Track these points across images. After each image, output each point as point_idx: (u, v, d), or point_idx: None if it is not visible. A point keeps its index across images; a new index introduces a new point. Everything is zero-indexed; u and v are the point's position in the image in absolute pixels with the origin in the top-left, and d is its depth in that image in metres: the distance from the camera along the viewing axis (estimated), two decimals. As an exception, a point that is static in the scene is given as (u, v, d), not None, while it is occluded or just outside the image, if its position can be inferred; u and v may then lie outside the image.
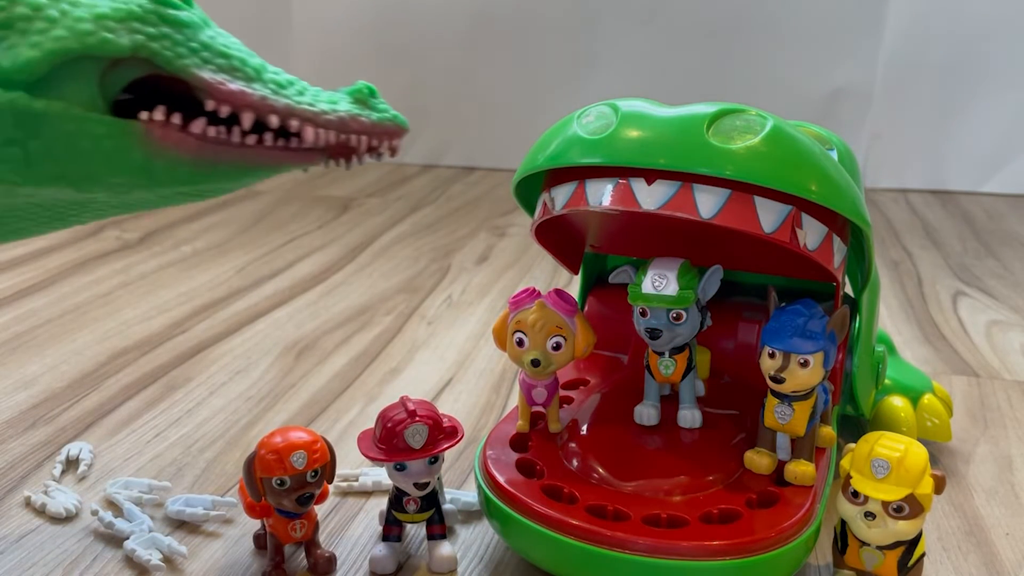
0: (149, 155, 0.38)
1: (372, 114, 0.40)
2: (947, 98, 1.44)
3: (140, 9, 0.38)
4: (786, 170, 0.43)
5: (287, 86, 0.39)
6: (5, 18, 0.36)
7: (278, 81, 0.39)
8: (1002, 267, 1.08)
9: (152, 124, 0.38)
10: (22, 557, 0.49)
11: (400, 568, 0.48)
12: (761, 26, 1.47)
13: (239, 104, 0.38)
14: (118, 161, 0.38)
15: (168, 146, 0.38)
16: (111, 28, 0.37)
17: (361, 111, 0.40)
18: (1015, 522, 0.54)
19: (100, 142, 0.37)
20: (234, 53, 0.39)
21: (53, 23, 0.36)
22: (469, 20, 1.55)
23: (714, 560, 0.41)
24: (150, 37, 0.37)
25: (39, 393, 0.68)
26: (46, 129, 0.36)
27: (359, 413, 0.66)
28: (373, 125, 0.40)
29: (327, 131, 0.39)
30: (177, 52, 0.38)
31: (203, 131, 0.38)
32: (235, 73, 0.39)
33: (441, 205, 1.34)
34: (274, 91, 0.39)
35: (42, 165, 0.37)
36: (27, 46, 0.36)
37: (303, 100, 0.39)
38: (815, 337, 0.44)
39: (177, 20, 0.38)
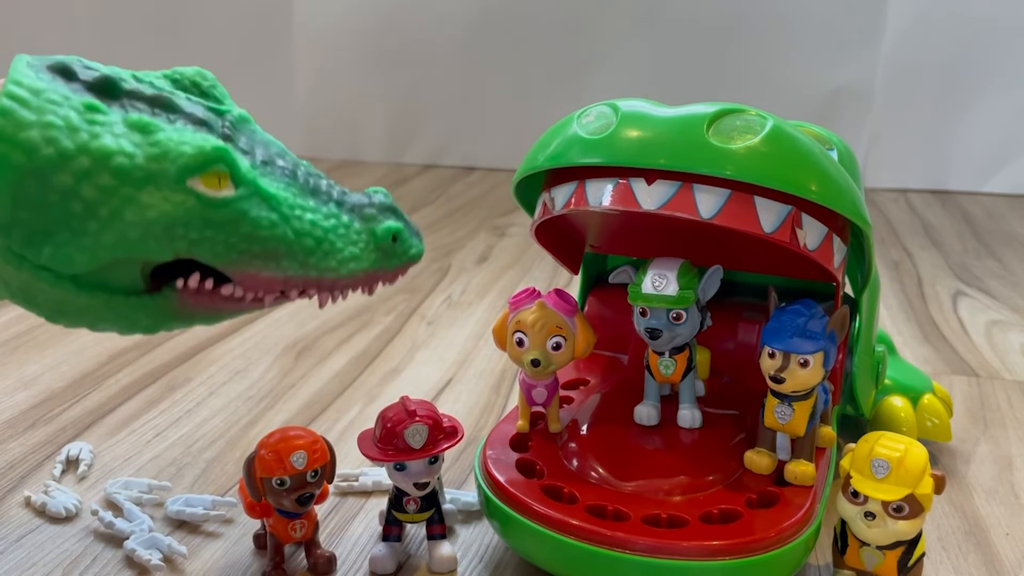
0: (178, 317, 0.40)
1: (391, 263, 0.42)
2: (947, 98, 1.44)
3: (187, 214, 0.38)
4: (786, 170, 0.43)
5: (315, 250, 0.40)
6: (59, 214, 0.37)
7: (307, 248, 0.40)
8: (1002, 267, 1.08)
9: (186, 291, 0.39)
10: (22, 557, 0.49)
11: (400, 568, 0.48)
12: (761, 26, 1.47)
13: (267, 290, 0.40)
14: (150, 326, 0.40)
15: (197, 308, 0.40)
16: (157, 236, 0.37)
17: (380, 265, 0.41)
18: (1015, 522, 0.54)
19: (137, 320, 0.39)
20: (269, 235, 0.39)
21: (104, 225, 0.37)
22: (469, 20, 1.55)
23: (714, 560, 0.41)
24: (192, 243, 0.38)
25: (39, 393, 0.68)
26: (89, 311, 0.39)
27: (359, 413, 0.66)
28: (387, 274, 0.42)
29: (343, 291, 0.41)
30: (216, 252, 0.39)
31: (231, 294, 0.40)
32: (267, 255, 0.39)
33: (441, 205, 1.34)
34: (301, 263, 0.39)
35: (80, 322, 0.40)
36: (78, 248, 0.37)
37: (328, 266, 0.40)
38: (815, 337, 0.44)
39: (223, 220, 0.38)
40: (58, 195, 0.36)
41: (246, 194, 0.39)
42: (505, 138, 1.57)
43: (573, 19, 1.53)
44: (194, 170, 0.37)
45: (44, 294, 0.38)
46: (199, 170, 0.37)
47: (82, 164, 0.36)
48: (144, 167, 0.37)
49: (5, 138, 0.36)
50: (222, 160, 0.38)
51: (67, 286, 0.38)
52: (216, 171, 0.38)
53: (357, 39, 1.59)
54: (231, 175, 0.38)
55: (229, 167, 0.38)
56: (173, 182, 0.37)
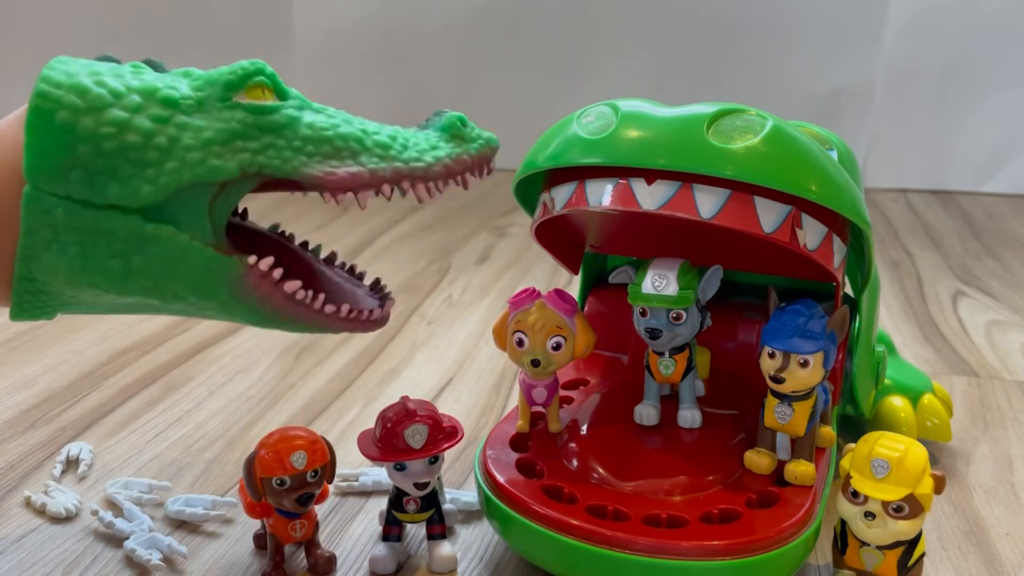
0: (234, 295, 0.40)
1: (470, 147, 0.43)
2: (947, 98, 1.44)
3: (241, 125, 0.39)
4: (786, 170, 0.43)
5: (391, 144, 0.41)
6: (117, 147, 0.38)
7: (381, 143, 0.41)
8: (1002, 267, 1.08)
9: (253, 270, 0.40)
10: (22, 557, 0.49)
11: (400, 568, 0.48)
12: (761, 26, 1.47)
13: (353, 187, 0.40)
14: (206, 290, 0.40)
15: (256, 294, 0.40)
16: (218, 153, 0.38)
17: (461, 148, 0.42)
18: (1015, 522, 0.54)
19: (197, 270, 0.39)
20: (334, 134, 0.40)
21: (164, 153, 0.38)
22: (469, 20, 1.55)
23: (714, 560, 0.41)
24: (255, 152, 0.39)
25: (39, 393, 0.68)
26: (151, 249, 0.38)
27: (359, 413, 0.66)
28: (472, 160, 0.43)
29: (436, 183, 0.41)
30: (283, 157, 0.39)
31: (294, 292, 0.40)
32: (341, 154, 0.40)
33: (441, 205, 1.34)
34: (381, 156, 0.40)
35: (137, 279, 0.39)
36: (143, 180, 0.38)
37: (410, 157, 0.41)
38: (815, 337, 0.44)
39: (277, 125, 0.40)
40: (115, 128, 0.37)
41: (296, 103, 0.40)
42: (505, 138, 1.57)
43: (573, 19, 1.53)
44: (236, 85, 0.39)
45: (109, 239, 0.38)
46: (241, 84, 0.39)
47: (133, 100, 0.38)
48: (191, 95, 0.39)
49: (56, 83, 0.38)
50: (261, 73, 0.40)
51: (135, 219, 0.38)
52: (258, 83, 0.40)
53: (357, 39, 1.59)
54: (274, 89, 0.40)
55: (270, 79, 0.40)
56: (219, 101, 0.39)
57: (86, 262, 0.38)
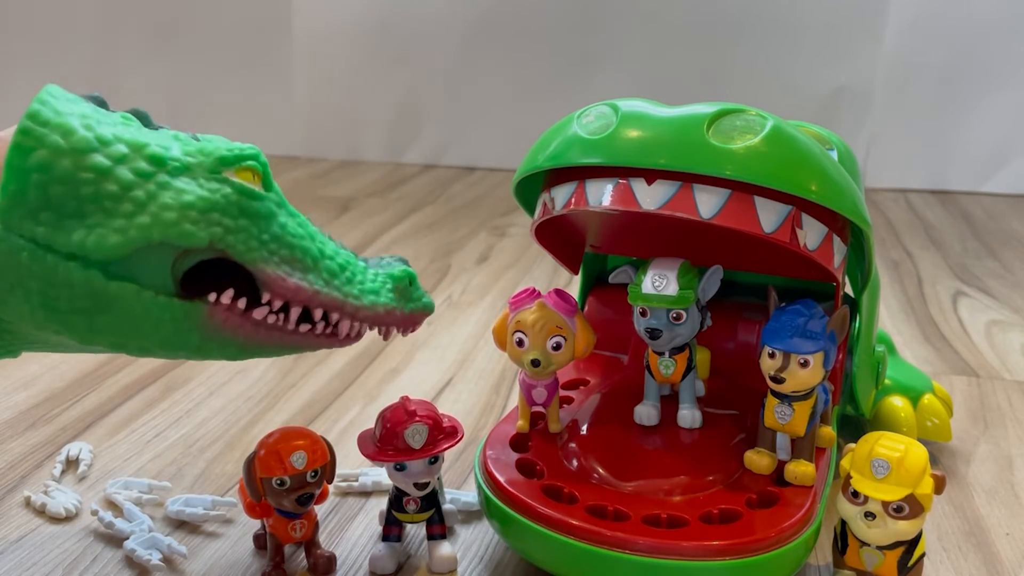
0: (205, 337, 0.39)
1: (407, 306, 0.43)
2: (947, 98, 1.44)
3: (224, 200, 0.39)
4: (786, 170, 0.43)
5: (339, 273, 0.42)
6: (92, 193, 0.37)
7: (331, 269, 0.41)
8: (1002, 267, 1.08)
9: (217, 306, 0.39)
10: (22, 557, 0.49)
11: (400, 568, 0.48)
12: (761, 26, 1.47)
13: (294, 299, 0.40)
14: (175, 341, 0.39)
15: (226, 328, 0.40)
16: (194, 220, 0.38)
17: (398, 304, 0.43)
18: (1015, 522, 0.54)
19: (163, 324, 0.38)
20: (297, 243, 0.41)
21: (139, 207, 0.37)
22: (469, 20, 1.55)
23: (714, 560, 0.41)
24: (227, 230, 0.39)
25: (39, 393, 0.68)
26: (115, 306, 0.38)
27: (359, 413, 0.66)
28: (404, 317, 0.43)
29: (362, 324, 0.42)
30: (249, 246, 0.39)
31: (263, 318, 0.40)
32: (295, 264, 0.40)
33: (441, 205, 1.34)
34: (326, 282, 0.41)
35: (103, 335, 0.38)
36: (111, 230, 0.37)
37: (350, 292, 0.42)
38: (815, 337, 0.44)
39: (256, 213, 0.40)
40: (94, 174, 0.37)
41: (276, 200, 0.41)
42: (505, 138, 1.57)
43: (573, 19, 1.53)
44: (230, 162, 0.39)
45: (69, 292, 0.37)
46: (235, 163, 0.39)
47: (119, 149, 0.38)
48: (180, 158, 0.39)
49: (42, 121, 0.37)
50: (256, 158, 0.40)
51: (96, 275, 0.37)
52: (250, 167, 0.40)
53: (357, 39, 1.59)
54: (263, 177, 0.41)
55: (262, 167, 0.40)
56: (209, 171, 0.39)
57: (49, 313, 0.37)
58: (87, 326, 0.38)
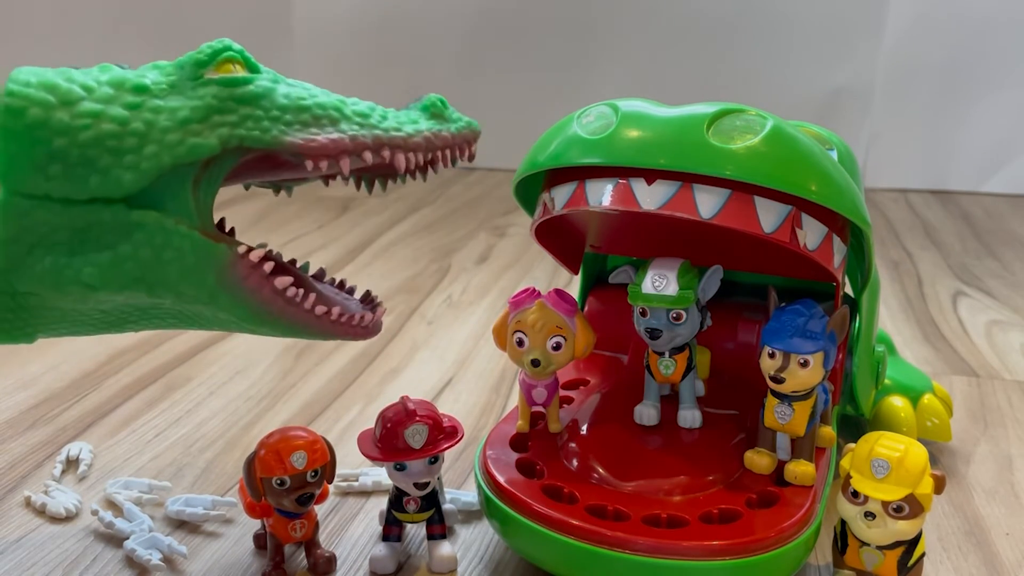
0: (221, 283, 0.39)
1: (451, 126, 0.43)
2: (947, 98, 1.44)
3: (216, 100, 0.39)
4: (786, 170, 0.43)
5: (370, 113, 0.41)
6: (93, 137, 0.37)
7: (360, 112, 0.41)
8: (1002, 267, 1.08)
9: (243, 260, 0.39)
10: (22, 557, 0.49)
11: (400, 568, 0.48)
12: (761, 26, 1.47)
13: (335, 153, 0.39)
14: (193, 277, 0.39)
15: (245, 285, 0.40)
16: (197, 131, 0.38)
17: (441, 126, 0.42)
18: (1015, 522, 0.54)
19: (183, 254, 0.39)
20: (312, 103, 0.40)
21: (142, 139, 0.38)
22: (469, 20, 1.55)
23: (714, 560, 0.41)
24: (233, 125, 0.38)
25: (39, 393, 0.68)
26: (138, 235, 0.38)
27: (359, 413, 0.67)
28: (454, 137, 0.43)
29: (416, 154, 0.41)
30: (262, 127, 0.39)
31: (284, 288, 0.40)
32: (320, 122, 0.40)
33: (441, 205, 1.34)
34: (360, 124, 0.40)
35: (125, 268, 0.38)
36: (123, 167, 0.37)
37: (389, 126, 0.41)
38: (815, 337, 0.44)
39: (252, 95, 0.39)
40: (89, 119, 0.37)
41: (270, 76, 0.40)
42: (505, 138, 1.57)
43: (573, 19, 1.53)
44: (205, 63, 0.39)
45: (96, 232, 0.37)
46: (210, 61, 0.39)
47: (104, 91, 0.38)
48: (162, 80, 0.39)
49: (24, 83, 0.37)
50: (228, 48, 0.40)
51: (120, 208, 0.37)
52: (228, 58, 0.40)
53: (357, 39, 1.59)
54: (244, 63, 0.40)
55: (238, 53, 0.40)
56: (191, 80, 0.39)
57: (72, 259, 0.38)
58: (111, 260, 0.38)
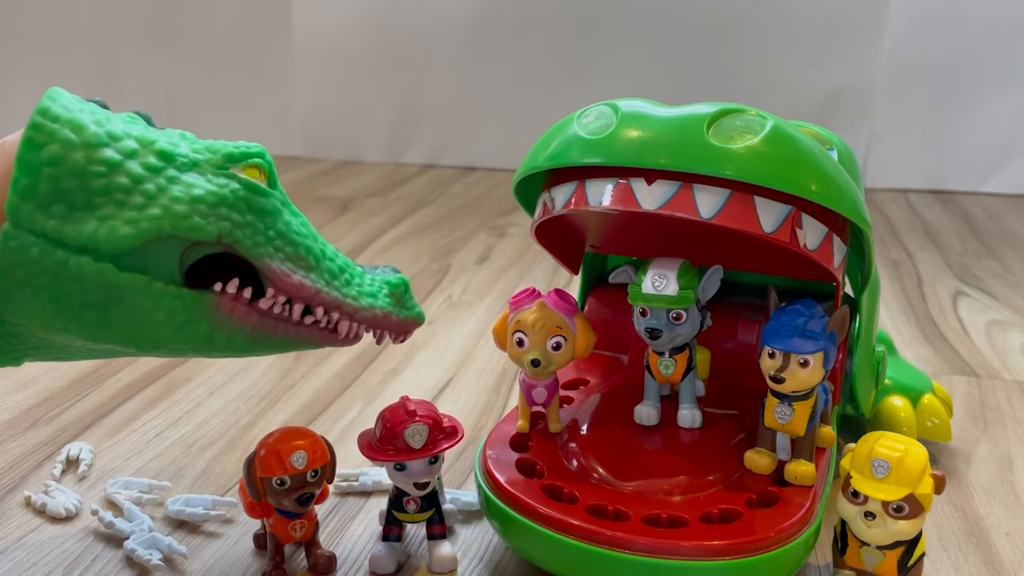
0: (214, 326, 0.40)
1: (402, 312, 0.45)
2: (947, 98, 1.44)
3: (232, 195, 0.39)
4: (786, 170, 0.43)
5: (339, 274, 0.43)
6: (104, 185, 0.37)
7: (332, 270, 0.42)
8: (1002, 267, 1.08)
9: (223, 296, 0.40)
10: (22, 557, 0.49)
11: (400, 568, 0.48)
12: (761, 26, 1.47)
13: (297, 296, 0.41)
14: (186, 331, 0.39)
15: (233, 318, 0.40)
16: (203, 213, 0.38)
17: (394, 309, 0.44)
18: (1015, 522, 0.54)
19: (174, 315, 0.39)
20: (300, 241, 0.42)
21: (150, 200, 0.38)
22: (469, 20, 1.55)
23: (714, 560, 0.41)
24: (235, 225, 0.39)
25: (39, 393, 0.68)
26: (127, 298, 0.38)
27: (359, 413, 0.67)
28: (399, 323, 0.45)
29: (359, 326, 0.43)
30: (255, 241, 0.40)
31: (269, 308, 0.41)
32: (299, 262, 0.41)
33: (441, 205, 1.34)
34: (327, 282, 0.42)
35: (113, 329, 0.38)
36: (123, 221, 0.37)
37: (348, 293, 0.43)
38: (815, 337, 0.44)
39: (263, 209, 0.40)
40: (105, 167, 0.37)
41: (281, 198, 0.42)
42: (505, 138, 1.57)
43: (573, 19, 1.53)
44: (238, 159, 0.40)
45: (80, 287, 0.37)
46: (242, 160, 0.40)
47: (129, 144, 0.38)
48: (188, 155, 0.40)
49: (53, 117, 0.37)
50: (262, 156, 0.41)
51: (108, 268, 0.37)
52: (256, 164, 0.41)
53: (357, 39, 1.59)
54: (268, 175, 0.41)
55: (268, 165, 0.41)
56: (217, 168, 0.40)
57: (60, 309, 0.37)
58: (97, 321, 0.38)
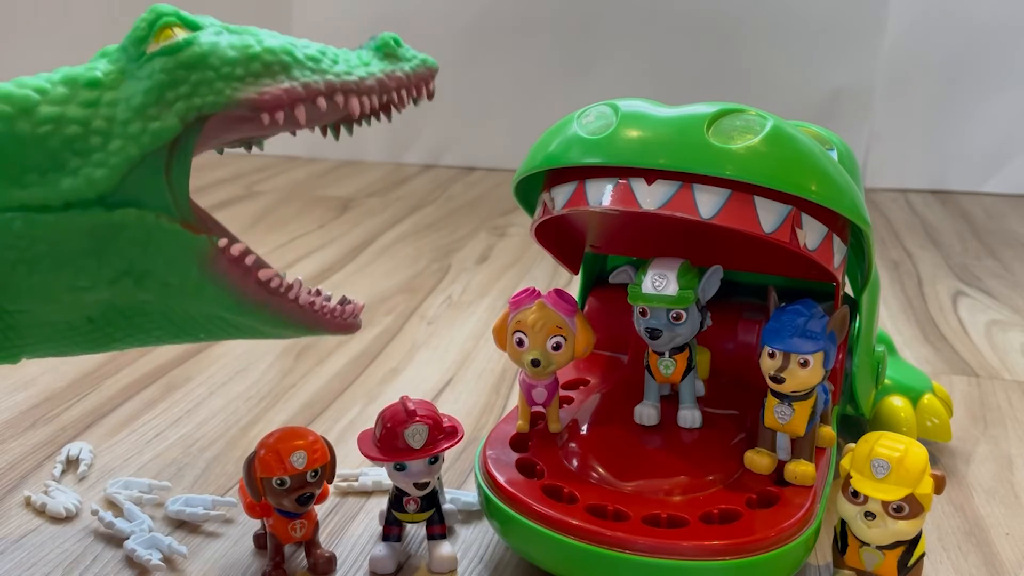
0: (205, 275, 0.39)
1: (405, 66, 0.41)
2: (947, 98, 1.44)
3: (164, 73, 0.38)
4: (786, 170, 0.43)
5: (321, 58, 0.40)
6: (59, 140, 0.37)
7: (311, 56, 0.40)
8: (1002, 267, 1.08)
9: (224, 254, 0.39)
10: (22, 557, 0.49)
11: (400, 568, 0.48)
12: (761, 26, 1.47)
13: (289, 103, 0.38)
14: (178, 267, 0.39)
15: (228, 277, 0.39)
16: (154, 115, 0.37)
17: (394, 66, 0.41)
18: (1015, 522, 0.54)
19: (167, 245, 0.38)
20: (262, 49, 0.39)
21: (105, 135, 0.37)
22: (469, 20, 1.55)
23: (714, 560, 0.41)
24: (187, 96, 0.37)
25: (39, 393, 0.68)
26: (121, 234, 0.38)
27: (359, 413, 0.66)
28: (408, 77, 0.41)
29: (370, 97, 0.40)
30: (215, 89, 0.38)
31: (268, 279, 0.40)
32: (272, 70, 0.39)
33: (441, 205, 1.34)
34: (312, 70, 0.39)
35: (112, 264, 0.38)
36: (92, 166, 0.37)
37: (340, 71, 0.40)
38: (815, 337, 0.44)
39: (198, 57, 0.38)
40: (51, 124, 0.37)
41: (213, 29, 0.39)
42: (505, 138, 1.57)
43: (573, 19, 1.53)
44: (144, 37, 0.38)
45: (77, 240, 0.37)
46: (148, 31, 0.38)
47: (59, 91, 0.38)
48: (111, 68, 0.38)
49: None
50: (161, 14, 0.39)
51: (97, 211, 0.37)
52: (165, 24, 0.38)
53: (357, 39, 1.59)
54: (183, 23, 0.39)
55: (174, 15, 0.39)
56: (136, 60, 0.38)
57: (59, 271, 0.37)
58: (97, 264, 0.38)
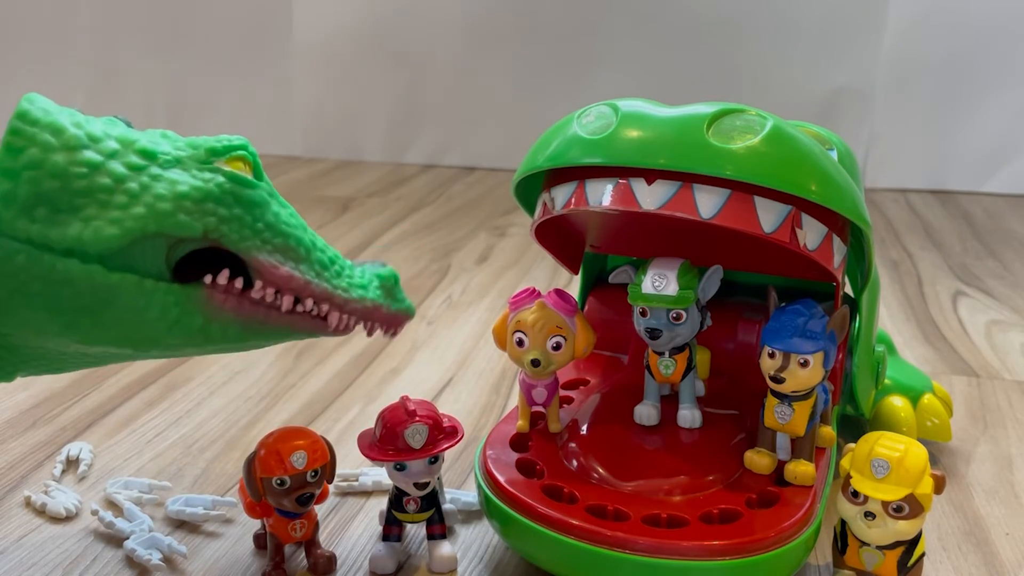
0: (208, 318, 0.40)
1: (392, 305, 0.44)
2: (947, 98, 1.44)
3: (218, 189, 0.39)
4: (786, 170, 0.43)
5: (329, 266, 0.42)
6: (86, 187, 0.37)
7: (322, 261, 0.42)
8: (1002, 267, 1.08)
9: (214, 288, 0.39)
10: (22, 557, 0.49)
11: (400, 568, 0.48)
12: (761, 26, 1.47)
13: (286, 288, 0.40)
14: (181, 326, 0.39)
15: (226, 308, 0.40)
16: (188, 210, 0.38)
17: (384, 301, 0.43)
18: (1015, 522, 0.54)
19: (167, 310, 0.39)
20: (289, 232, 0.41)
21: (133, 199, 0.37)
22: (470, 20, 1.55)
23: (714, 560, 0.41)
24: (221, 219, 0.39)
25: (39, 393, 0.68)
26: (118, 299, 0.38)
27: (359, 413, 0.67)
28: (389, 316, 0.44)
29: (350, 318, 0.42)
30: (243, 234, 0.39)
31: (261, 297, 0.40)
32: (287, 253, 0.41)
33: (441, 205, 1.34)
34: (317, 273, 0.41)
35: (108, 330, 0.38)
36: (107, 221, 0.37)
37: (339, 284, 0.42)
38: (815, 337, 0.44)
39: (250, 201, 0.40)
40: (86, 168, 0.37)
41: (268, 189, 0.41)
42: (505, 138, 1.57)
43: (573, 19, 1.53)
44: (221, 153, 0.40)
45: (71, 290, 0.37)
46: (224, 153, 0.40)
47: (109, 145, 0.38)
48: (170, 152, 0.39)
49: (32, 121, 0.37)
50: (245, 148, 0.40)
51: (96, 269, 0.37)
52: (240, 156, 0.40)
53: (357, 39, 1.59)
54: (253, 166, 0.41)
55: (252, 157, 0.41)
56: (201, 162, 0.39)
57: (53, 314, 0.37)
58: (91, 323, 0.38)
